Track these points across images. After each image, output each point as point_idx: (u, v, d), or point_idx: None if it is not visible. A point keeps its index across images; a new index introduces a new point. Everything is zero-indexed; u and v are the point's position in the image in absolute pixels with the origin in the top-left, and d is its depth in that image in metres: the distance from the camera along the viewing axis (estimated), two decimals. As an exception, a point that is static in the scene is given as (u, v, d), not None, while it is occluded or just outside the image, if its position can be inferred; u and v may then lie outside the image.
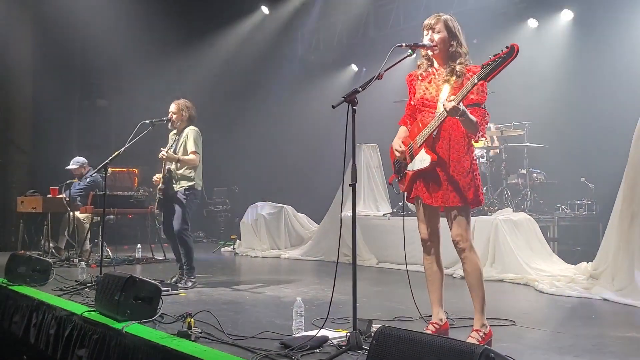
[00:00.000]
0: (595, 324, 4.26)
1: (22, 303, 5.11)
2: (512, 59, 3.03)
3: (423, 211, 3.61)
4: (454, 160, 3.40)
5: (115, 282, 4.17)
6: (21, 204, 8.44)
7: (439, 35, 3.47)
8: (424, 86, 3.55)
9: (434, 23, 3.49)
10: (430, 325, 3.62)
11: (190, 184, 5.84)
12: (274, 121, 12.79)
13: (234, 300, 5.17)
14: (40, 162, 10.32)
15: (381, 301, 5.26)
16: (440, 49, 3.47)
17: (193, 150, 5.83)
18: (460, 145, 3.42)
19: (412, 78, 3.68)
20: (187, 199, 5.81)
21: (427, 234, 3.63)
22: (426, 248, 3.66)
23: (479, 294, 3.42)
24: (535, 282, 5.76)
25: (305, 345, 3.20)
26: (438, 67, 3.55)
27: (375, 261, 7.81)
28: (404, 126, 3.70)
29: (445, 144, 3.42)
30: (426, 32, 3.52)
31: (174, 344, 3.37)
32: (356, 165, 3.37)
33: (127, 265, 7.65)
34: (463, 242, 3.41)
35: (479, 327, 3.41)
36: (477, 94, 3.34)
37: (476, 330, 3.40)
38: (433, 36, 3.48)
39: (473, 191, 3.39)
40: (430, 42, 3.48)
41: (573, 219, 7.87)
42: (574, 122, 8.80)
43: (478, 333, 3.38)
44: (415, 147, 3.50)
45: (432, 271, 3.67)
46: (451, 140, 3.42)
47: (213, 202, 12.58)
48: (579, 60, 9.15)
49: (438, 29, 3.48)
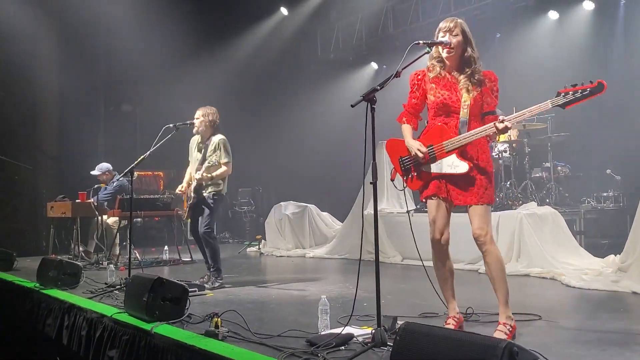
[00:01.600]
0: (623, 317, 4.21)
1: (54, 306, 5.24)
2: (598, 94, 3.25)
3: (438, 209, 3.64)
4: (483, 160, 3.55)
5: (143, 283, 4.24)
6: (51, 209, 8.62)
7: (456, 39, 3.54)
8: (442, 92, 3.59)
9: (453, 27, 3.55)
10: (451, 320, 3.67)
11: (218, 189, 5.97)
12: (296, 121, 12.84)
13: (260, 299, 5.23)
14: (68, 168, 10.50)
15: (406, 298, 5.26)
16: (456, 52, 3.55)
17: (226, 161, 5.96)
18: (485, 148, 3.59)
19: (420, 77, 3.71)
20: (214, 203, 5.93)
21: (442, 233, 3.66)
22: (440, 247, 3.69)
23: (502, 286, 3.47)
24: (562, 276, 5.71)
25: (330, 343, 3.23)
26: (452, 71, 3.61)
27: (400, 258, 7.81)
28: (408, 125, 3.75)
29: (474, 146, 3.55)
30: (442, 34, 3.57)
31: (201, 344, 3.43)
32: (376, 163, 3.39)
33: (154, 267, 7.77)
34: (484, 235, 3.49)
35: (505, 319, 3.45)
36: (494, 99, 3.57)
37: (502, 323, 3.44)
38: (451, 38, 3.55)
39: (491, 191, 3.57)
40: (450, 49, 3.54)
41: (600, 211, 7.77)
42: (597, 114, 8.67)
43: (505, 326, 3.42)
44: (440, 151, 3.54)
45: (444, 269, 3.71)
46: (479, 145, 3.57)
47: (238, 203, 12.68)
48: (601, 51, 9.03)
49: (456, 33, 3.55)
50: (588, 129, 8.66)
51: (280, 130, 12.88)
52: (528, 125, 8.00)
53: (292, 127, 12.89)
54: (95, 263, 7.77)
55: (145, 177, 12.08)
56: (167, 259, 8.16)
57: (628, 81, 8.33)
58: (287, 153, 12.90)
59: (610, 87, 3.51)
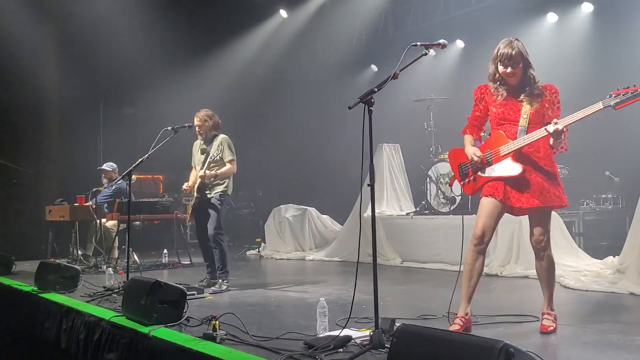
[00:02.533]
0: (621, 319, 4.21)
1: (52, 309, 5.23)
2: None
3: (492, 208, 3.71)
4: (546, 165, 3.68)
5: (141, 286, 4.24)
6: (49, 212, 8.62)
7: (519, 67, 3.68)
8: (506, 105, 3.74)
9: (514, 55, 3.66)
10: (458, 320, 3.70)
11: (224, 189, 5.97)
12: (295, 124, 12.83)
13: (259, 302, 5.23)
14: (68, 172, 10.50)
15: (405, 300, 5.27)
16: (517, 76, 3.70)
17: (230, 159, 5.99)
18: (548, 152, 3.69)
19: (482, 91, 3.89)
20: (221, 204, 5.94)
21: (485, 232, 3.72)
22: (478, 244, 3.73)
23: (551, 286, 3.85)
24: (561, 277, 5.70)
25: (328, 345, 3.23)
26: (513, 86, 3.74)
27: (399, 260, 7.80)
28: (470, 135, 3.93)
29: (534, 151, 3.68)
30: (503, 67, 3.68)
31: (199, 347, 3.44)
32: (374, 165, 3.40)
33: (153, 270, 7.75)
34: (545, 241, 3.72)
35: (550, 310, 3.79)
36: (556, 111, 3.67)
37: (547, 312, 3.78)
38: (515, 71, 3.67)
39: (559, 194, 3.68)
40: (512, 75, 3.67)
41: (598, 213, 7.77)
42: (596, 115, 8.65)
43: (550, 315, 3.77)
44: (496, 155, 3.71)
45: (474, 266, 3.76)
46: (541, 148, 3.68)
47: (238, 205, 12.67)
48: (600, 53, 9.02)
49: (516, 60, 3.67)
50: (587, 130, 8.63)
51: (280, 133, 12.88)
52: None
53: (292, 129, 12.89)
54: (94, 266, 7.76)
55: (144, 180, 12.07)
56: (167, 262, 8.15)
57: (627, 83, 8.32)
58: (287, 156, 12.88)
59: (606, 90, 3.57)
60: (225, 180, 6.00)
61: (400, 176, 9.12)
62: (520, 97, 3.71)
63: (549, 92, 3.69)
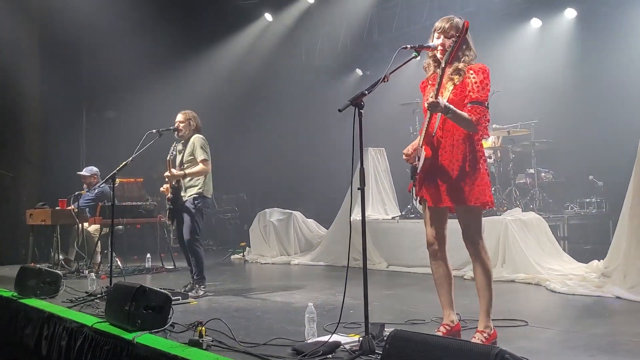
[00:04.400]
0: (608, 322, 4.22)
1: (33, 315, 5.12)
2: (463, 36, 3.31)
3: (428, 213, 3.60)
4: (457, 160, 3.42)
5: (125, 292, 4.16)
6: (30, 216, 8.47)
7: (451, 40, 3.45)
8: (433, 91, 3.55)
9: (448, 28, 3.48)
10: (442, 327, 3.61)
11: (199, 191, 5.83)
12: (280, 128, 12.80)
13: (245, 307, 5.16)
14: (50, 175, 10.36)
15: (392, 304, 5.24)
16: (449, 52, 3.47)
17: (202, 158, 5.84)
18: (463, 145, 3.43)
19: (424, 85, 3.71)
20: (196, 207, 5.80)
21: (432, 237, 3.62)
22: (432, 251, 3.65)
23: (486, 295, 3.43)
24: (547, 281, 5.72)
25: (317, 351, 3.19)
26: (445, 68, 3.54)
27: (385, 265, 7.78)
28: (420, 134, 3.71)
29: (449, 144, 3.45)
30: (437, 35, 3.51)
31: (185, 353, 3.37)
32: (364, 168, 3.36)
33: (137, 275, 7.65)
34: (471, 245, 3.45)
35: (483, 328, 3.42)
36: (478, 92, 3.37)
37: (480, 331, 3.41)
38: (445, 41, 3.47)
39: (477, 192, 3.40)
40: (442, 46, 3.47)
41: (583, 217, 7.83)
42: (580, 120, 8.77)
43: (482, 334, 3.39)
44: (419, 148, 3.52)
45: (438, 274, 3.66)
46: (454, 141, 3.45)
47: (222, 210, 12.59)
48: (584, 57, 9.13)
49: (451, 34, 3.46)
50: (571, 135, 8.74)
51: (264, 137, 12.82)
52: (512, 132, 8.04)
53: (276, 133, 12.85)
54: (76, 271, 7.63)
55: (127, 183, 11.93)
56: (150, 267, 8.04)
57: (609, 88, 8.43)
58: (272, 160, 12.83)
59: (590, 95, 3.53)
60: (199, 182, 5.85)
61: (386, 180, 9.12)
62: (445, 79, 3.45)
63: (473, 71, 3.38)
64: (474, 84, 3.38)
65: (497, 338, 3.44)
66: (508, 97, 8.09)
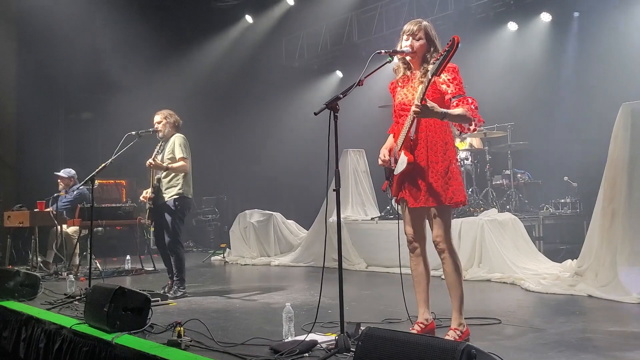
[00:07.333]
0: (579, 320, 4.33)
1: (10, 318, 5.10)
2: (454, 51, 3.20)
3: (408, 213, 3.67)
4: (433, 162, 3.50)
5: (104, 293, 4.17)
6: (8, 219, 8.40)
7: (419, 42, 3.56)
8: (403, 92, 3.64)
9: (416, 30, 3.57)
10: (416, 325, 3.69)
11: (179, 192, 5.83)
12: (261, 129, 12.83)
13: (224, 308, 5.19)
14: (27, 177, 10.28)
15: (370, 304, 5.31)
16: (418, 55, 3.58)
17: (181, 156, 5.83)
18: (437, 147, 3.51)
19: (393, 86, 3.78)
20: (176, 208, 5.80)
21: (412, 235, 3.70)
22: (412, 249, 3.74)
23: (457, 294, 3.55)
24: (522, 280, 5.83)
25: (294, 350, 3.24)
26: (414, 71, 3.64)
27: (364, 265, 7.85)
28: (391, 134, 3.79)
29: (423, 147, 3.52)
30: (406, 37, 3.59)
31: (164, 353, 3.40)
32: (339, 170, 3.43)
33: (116, 277, 7.64)
34: (442, 242, 3.53)
35: (457, 325, 3.52)
36: (455, 87, 3.46)
37: (453, 329, 3.50)
38: (413, 43, 3.56)
39: (451, 192, 3.47)
40: (410, 48, 3.55)
41: (558, 217, 7.96)
42: (555, 123, 8.95)
43: (455, 332, 3.48)
44: (397, 151, 3.58)
45: (417, 272, 3.74)
46: (428, 143, 3.52)
47: (202, 211, 12.58)
48: (558, 61, 9.31)
49: (419, 37, 3.56)
50: (546, 138, 8.91)
51: (245, 138, 12.85)
52: (489, 134, 8.15)
53: (257, 135, 12.88)
54: (55, 274, 7.60)
55: (107, 185, 11.88)
56: (129, 269, 8.03)
57: (582, 92, 8.61)
58: (252, 161, 12.86)
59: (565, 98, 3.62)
60: (179, 182, 5.84)
61: (365, 181, 9.19)
62: (415, 81, 3.53)
63: (445, 71, 3.38)
64: (449, 82, 3.47)
65: (470, 335, 3.53)
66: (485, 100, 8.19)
